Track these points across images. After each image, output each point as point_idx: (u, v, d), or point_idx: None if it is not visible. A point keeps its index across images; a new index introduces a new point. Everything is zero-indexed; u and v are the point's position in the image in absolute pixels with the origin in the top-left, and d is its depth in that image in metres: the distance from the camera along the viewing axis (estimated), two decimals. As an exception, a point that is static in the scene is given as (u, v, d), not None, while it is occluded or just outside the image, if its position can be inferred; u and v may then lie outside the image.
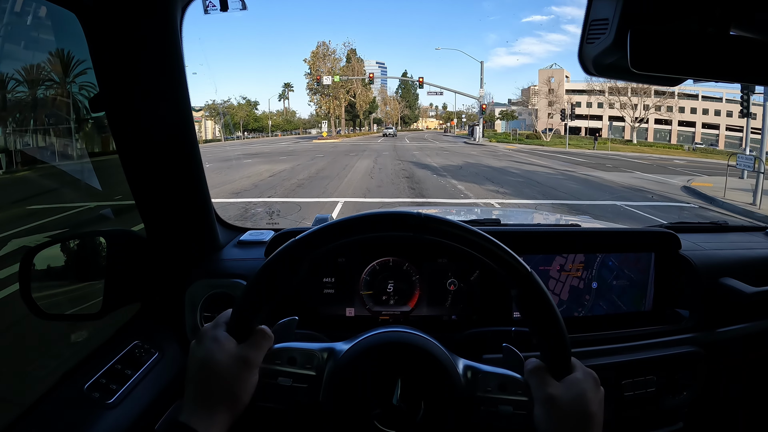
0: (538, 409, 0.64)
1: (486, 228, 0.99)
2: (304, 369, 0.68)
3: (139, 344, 0.99)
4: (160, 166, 1.01)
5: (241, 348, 0.65)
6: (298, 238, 0.66)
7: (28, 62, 2.20)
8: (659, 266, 1.24)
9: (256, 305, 0.66)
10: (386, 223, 0.67)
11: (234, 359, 0.63)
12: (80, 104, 2.36)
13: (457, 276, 1.17)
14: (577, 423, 0.62)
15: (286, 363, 0.68)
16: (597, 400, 0.64)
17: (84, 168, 2.62)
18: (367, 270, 1.16)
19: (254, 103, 60.93)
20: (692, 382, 1.16)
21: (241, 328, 0.66)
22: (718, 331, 1.22)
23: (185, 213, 1.09)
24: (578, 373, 0.65)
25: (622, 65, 0.59)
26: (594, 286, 1.21)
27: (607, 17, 0.60)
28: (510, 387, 0.67)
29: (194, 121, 1.04)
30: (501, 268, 0.66)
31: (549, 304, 0.65)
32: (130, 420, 0.84)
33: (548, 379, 0.65)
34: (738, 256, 1.31)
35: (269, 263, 0.65)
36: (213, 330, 0.66)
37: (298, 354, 0.69)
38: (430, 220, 0.66)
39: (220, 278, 1.10)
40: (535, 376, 0.66)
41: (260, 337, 0.66)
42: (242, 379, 0.63)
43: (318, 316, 1.15)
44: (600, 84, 40.75)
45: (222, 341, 0.64)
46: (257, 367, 0.65)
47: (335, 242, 0.66)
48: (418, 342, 0.69)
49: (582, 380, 0.64)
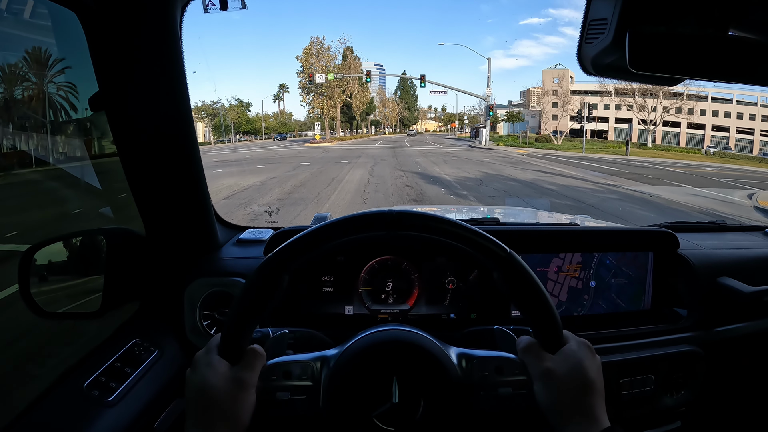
0: (537, 384, 0.65)
1: (485, 227, 0.99)
2: (301, 380, 0.69)
3: (138, 342, 0.99)
4: (159, 164, 1.01)
5: (235, 370, 0.65)
6: (270, 256, 0.66)
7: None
8: (657, 265, 1.25)
9: (243, 325, 0.66)
10: (358, 226, 0.67)
11: (229, 382, 0.64)
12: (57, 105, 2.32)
13: (455, 275, 1.17)
14: (578, 392, 0.62)
15: (282, 377, 0.69)
16: (594, 367, 0.65)
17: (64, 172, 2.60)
18: (366, 268, 1.16)
19: (247, 105, 58.26)
20: (690, 381, 1.16)
21: (232, 350, 0.66)
22: (717, 330, 1.22)
23: (184, 211, 1.09)
24: (572, 343, 0.66)
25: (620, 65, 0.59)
26: (592, 285, 1.21)
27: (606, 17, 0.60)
28: (506, 368, 0.67)
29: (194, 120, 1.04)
30: (480, 253, 0.66)
31: (533, 281, 0.65)
32: (129, 418, 0.85)
33: (543, 354, 0.65)
34: (736, 255, 1.32)
35: (250, 284, 0.66)
36: (206, 356, 0.67)
37: (292, 367, 0.69)
38: (402, 216, 0.66)
39: (220, 277, 1.10)
40: (529, 353, 0.66)
41: (252, 357, 0.67)
42: (240, 401, 0.64)
43: (317, 315, 1.15)
44: (609, 85, 38.47)
45: (215, 365, 0.65)
46: (253, 387, 0.66)
47: (310, 252, 0.66)
48: (407, 337, 0.69)
49: (576, 350, 0.65)
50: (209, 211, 1.15)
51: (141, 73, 0.92)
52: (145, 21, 0.89)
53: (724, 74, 0.62)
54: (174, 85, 0.96)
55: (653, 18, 0.60)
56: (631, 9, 0.58)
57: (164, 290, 1.11)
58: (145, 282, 1.08)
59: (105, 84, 0.94)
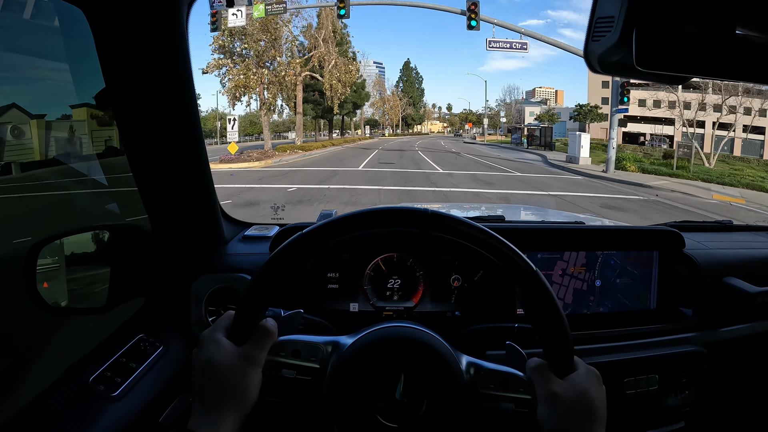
0: (542, 407, 0.64)
1: (490, 225, 0.99)
2: (309, 362, 0.69)
3: (143, 338, 0.99)
4: (165, 160, 1.02)
5: (244, 347, 0.65)
6: (305, 232, 0.66)
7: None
8: (663, 265, 1.24)
9: (258, 305, 0.66)
10: (393, 219, 0.67)
11: (237, 358, 0.64)
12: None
13: (460, 272, 1.17)
14: (581, 420, 0.62)
15: (291, 355, 0.69)
16: (600, 397, 0.65)
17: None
18: (372, 265, 1.16)
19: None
20: (695, 381, 1.16)
21: (244, 327, 0.66)
22: (722, 330, 1.22)
23: (190, 207, 1.09)
24: (581, 370, 0.66)
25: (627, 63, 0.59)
26: (598, 284, 1.21)
27: (613, 15, 0.60)
28: (512, 384, 0.67)
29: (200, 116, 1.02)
30: (506, 265, 0.66)
31: (553, 302, 0.65)
32: (134, 412, 0.85)
33: (551, 377, 0.65)
34: (742, 255, 1.31)
35: (273, 260, 0.65)
36: (213, 333, 0.66)
37: (302, 347, 0.69)
38: (436, 217, 0.66)
39: (225, 273, 1.11)
40: (538, 374, 0.66)
41: (262, 333, 0.67)
42: (247, 377, 0.64)
43: (322, 311, 1.15)
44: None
45: (223, 343, 0.65)
46: (261, 364, 0.66)
47: (340, 237, 0.66)
48: (422, 338, 0.69)
49: (585, 378, 0.65)
50: (215, 207, 1.15)
51: (147, 70, 0.93)
52: (151, 17, 0.89)
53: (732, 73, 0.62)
54: (180, 82, 0.96)
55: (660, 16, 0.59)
56: (637, 7, 0.58)
57: (170, 286, 1.11)
58: (151, 278, 1.09)
59: (111, 80, 0.94)
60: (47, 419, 0.78)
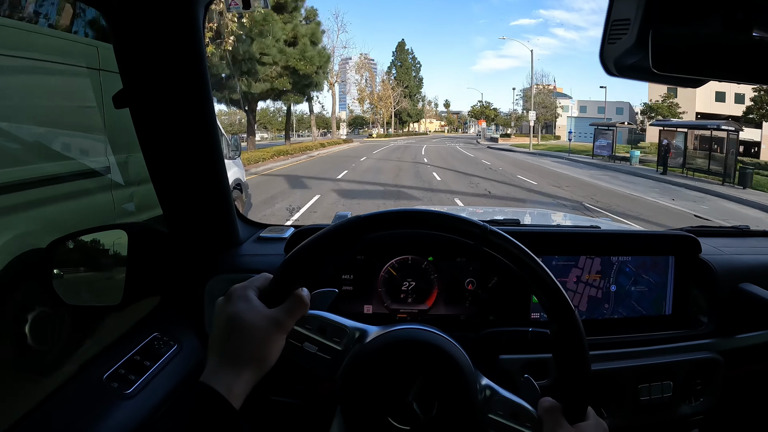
0: None
1: (505, 228, 0.99)
2: (332, 342, 0.68)
3: (158, 336, 1.00)
4: (182, 161, 1.03)
5: (275, 310, 0.63)
6: (361, 217, 0.65)
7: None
8: (679, 270, 1.23)
9: (300, 273, 0.65)
10: (448, 225, 0.65)
11: (266, 320, 0.61)
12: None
13: (475, 275, 1.17)
14: None
15: (317, 330, 0.68)
16: None
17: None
18: (386, 268, 1.16)
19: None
20: (709, 388, 1.14)
21: (279, 294, 0.64)
22: (738, 337, 1.20)
23: (206, 208, 1.10)
24: (591, 421, 0.66)
25: (643, 66, 0.59)
26: (613, 289, 1.20)
27: (629, 17, 0.59)
28: (522, 417, 0.66)
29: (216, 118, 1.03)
30: (547, 300, 0.65)
31: (583, 348, 0.64)
32: (147, 410, 0.86)
33: (562, 422, 0.65)
34: (760, 261, 1.29)
35: (327, 234, 0.64)
36: (245, 290, 0.64)
37: (329, 325, 0.69)
38: (493, 234, 0.65)
39: (240, 273, 1.11)
40: (549, 415, 0.66)
41: (295, 302, 0.64)
42: (273, 341, 0.61)
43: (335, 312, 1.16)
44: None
45: (254, 301, 0.62)
46: (287, 331, 0.64)
47: (395, 230, 0.65)
48: (450, 350, 0.68)
49: (594, 430, 0.65)
50: (230, 207, 1.16)
51: (164, 71, 0.94)
52: (168, 19, 0.90)
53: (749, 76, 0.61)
54: (196, 84, 0.97)
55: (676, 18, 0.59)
56: (654, 9, 0.57)
57: (185, 286, 1.12)
58: (166, 277, 1.10)
59: (129, 81, 0.96)
60: (60, 416, 0.79)
